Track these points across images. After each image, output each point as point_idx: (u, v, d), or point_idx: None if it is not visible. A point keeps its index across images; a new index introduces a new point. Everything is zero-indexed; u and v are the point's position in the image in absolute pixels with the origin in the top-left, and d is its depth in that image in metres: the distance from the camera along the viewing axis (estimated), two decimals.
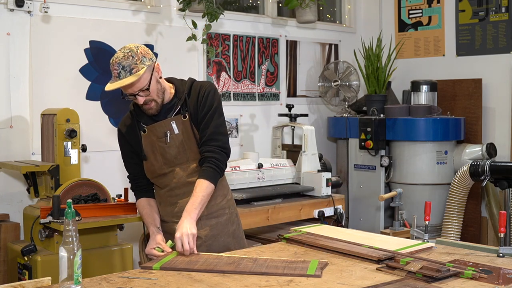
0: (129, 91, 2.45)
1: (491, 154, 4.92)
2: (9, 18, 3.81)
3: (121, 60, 2.40)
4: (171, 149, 2.57)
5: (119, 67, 2.39)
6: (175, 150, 2.58)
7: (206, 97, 2.58)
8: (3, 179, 3.84)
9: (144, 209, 2.70)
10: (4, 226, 3.66)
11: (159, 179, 2.64)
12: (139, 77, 2.39)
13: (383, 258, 2.25)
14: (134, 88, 2.43)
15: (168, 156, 2.58)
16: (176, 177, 2.61)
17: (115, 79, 2.41)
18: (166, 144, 2.56)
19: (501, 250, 2.38)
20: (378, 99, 5.26)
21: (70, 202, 1.91)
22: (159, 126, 2.58)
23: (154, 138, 2.57)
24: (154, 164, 2.61)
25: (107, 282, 2.02)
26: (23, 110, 3.89)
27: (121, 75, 2.39)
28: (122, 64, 2.39)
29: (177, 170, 2.60)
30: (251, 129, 5.15)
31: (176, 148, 2.58)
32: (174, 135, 2.57)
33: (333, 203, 4.29)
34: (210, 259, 2.30)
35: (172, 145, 2.57)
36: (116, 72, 2.40)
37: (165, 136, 2.56)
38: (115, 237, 3.49)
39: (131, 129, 2.62)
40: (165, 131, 2.57)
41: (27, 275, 3.29)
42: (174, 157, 2.59)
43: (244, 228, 3.94)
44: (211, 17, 4.29)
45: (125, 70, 2.39)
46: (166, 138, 2.56)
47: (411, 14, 5.81)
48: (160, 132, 2.57)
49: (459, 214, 4.71)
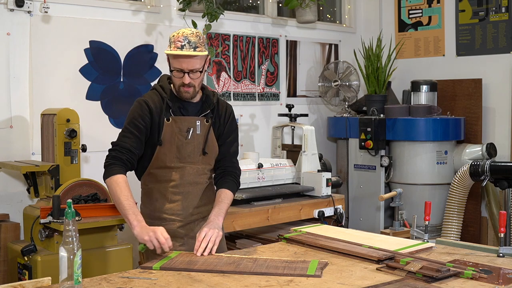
0: (184, 66, 2.50)
1: (491, 154, 4.92)
2: (9, 18, 3.81)
3: (188, 35, 2.49)
4: (189, 146, 2.59)
5: (185, 40, 2.47)
6: (191, 147, 2.60)
7: (233, 119, 2.75)
8: (3, 179, 3.84)
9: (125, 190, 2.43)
10: (4, 226, 3.66)
11: (165, 171, 2.60)
12: (201, 55, 2.49)
13: (383, 258, 2.25)
14: (190, 65, 2.50)
15: (183, 151, 2.59)
16: (186, 174, 2.61)
17: (176, 49, 2.48)
18: (186, 139, 2.58)
19: (501, 250, 2.38)
20: (378, 99, 5.26)
21: (70, 202, 1.91)
22: (186, 120, 2.59)
23: (177, 130, 2.57)
24: (167, 154, 2.57)
25: (107, 282, 2.02)
26: (23, 110, 3.89)
27: (184, 47, 2.47)
28: (189, 39, 2.48)
29: (187, 167, 2.61)
30: (251, 129, 5.15)
31: (193, 146, 2.60)
32: (196, 134, 2.60)
33: (333, 203, 4.29)
34: (210, 259, 2.30)
35: (191, 142, 2.59)
36: (180, 44, 2.47)
37: (187, 131, 2.58)
38: (115, 237, 3.49)
39: (158, 109, 2.57)
40: (188, 127, 2.59)
41: (27, 275, 3.29)
42: (188, 154, 2.60)
43: (244, 228, 3.97)
44: (211, 17, 4.29)
45: (190, 44, 2.48)
46: (188, 134, 2.58)
47: (411, 14, 5.81)
48: (184, 126, 2.59)
49: (459, 214, 4.71)
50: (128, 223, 2.41)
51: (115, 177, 2.45)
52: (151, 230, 2.35)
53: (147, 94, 2.62)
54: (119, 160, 2.48)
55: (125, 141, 2.51)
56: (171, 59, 2.53)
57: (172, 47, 2.50)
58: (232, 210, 3.81)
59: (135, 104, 2.58)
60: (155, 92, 2.62)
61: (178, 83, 2.55)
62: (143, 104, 2.55)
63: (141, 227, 2.37)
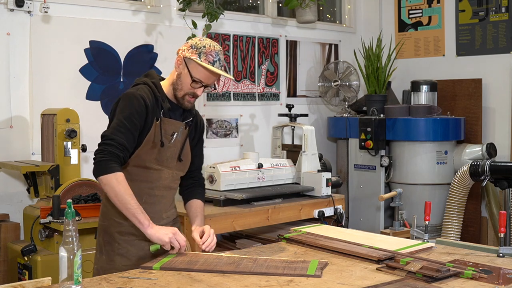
0: (207, 81, 2.49)
1: (491, 154, 4.92)
2: (9, 18, 3.81)
3: (219, 52, 2.49)
4: (169, 150, 2.54)
5: (217, 56, 2.47)
6: (171, 152, 2.55)
7: (203, 129, 2.76)
8: (3, 179, 3.84)
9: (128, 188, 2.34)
10: (4, 226, 3.66)
11: (142, 170, 2.50)
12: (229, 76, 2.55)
13: (383, 258, 2.25)
14: (212, 81, 2.51)
15: (163, 154, 2.52)
16: (162, 178, 2.53)
17: (208, 63, 2.45)
18: (169, 143, 2.53)
19: (501, 250, 2.38)
20: (378, 99, 5.26)
21: (70, 202, 1.91)
22: (172, 124, 2.54)
23: (163, 132, 2.50)
24: (148, 154, 2.47)
25: (107, 282, 2.02)
26: (23, 110, 3.89)
27: (215, 64, 2.46)
28: (220, 56, 2.49)
29: (164, 171, 2.54)
30: (251, 129, 5.15)
31: (172, 151, 2.56)
32: (177, 139, 2.56)
33: (333, 203, 4.29)
34: (210, 259, 2.30)
35: (172, 147, 2.55)
36: (212, 59, 2.46)
37: (172, 135, 2.53)
38: None
39: (151, 107, 2.47)
40: (174, 131, 2.54)
41: (27, 275, 3.29)
42: (167, 158, 2.54)
43: (244, 228, 3.97)
44: (211, 17, 4.29)
45: (220, 62, 2.48)
46: (172, 138, 2.53)
47: (411, 14, 5.81)
48: (170, 129, 2.53)
49: (459, 214, 4.71)
50: (137, 222, 2.32)
51: (116, 174, 2.31)
52: (170, 231, 2.34)
53: (141, 88, 2.48)
54: (116, 156, 2.33)
55: (121, 137, 2.35)
56: (195, 68, 2.45)
57: (203, 58, 2.43)
58: (232, 210, 3.81)
59: (131, 98, 2.43)
60: (148, 88, 2.50)
61: (188, 92, 2.49)
62: (141, 100, 2.43)
63: (154, 227, 2.33)
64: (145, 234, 2.33)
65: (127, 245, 2.48)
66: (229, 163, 4.10)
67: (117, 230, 2.49)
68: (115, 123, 2.39)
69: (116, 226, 2.49)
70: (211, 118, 4.85)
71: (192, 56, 2.44)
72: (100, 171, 2.32)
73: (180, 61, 2.48)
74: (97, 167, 2.33)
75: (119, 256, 2.48)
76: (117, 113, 2.42)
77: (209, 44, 2.46)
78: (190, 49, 2.46)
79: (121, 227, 2.49)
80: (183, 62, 2.47)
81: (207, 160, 4.59)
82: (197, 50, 2.44)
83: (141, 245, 2.49)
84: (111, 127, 2.39)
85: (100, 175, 2.32)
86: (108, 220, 2.52)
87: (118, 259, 2.46)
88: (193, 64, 2.45)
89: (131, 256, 2.48)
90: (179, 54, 2.50)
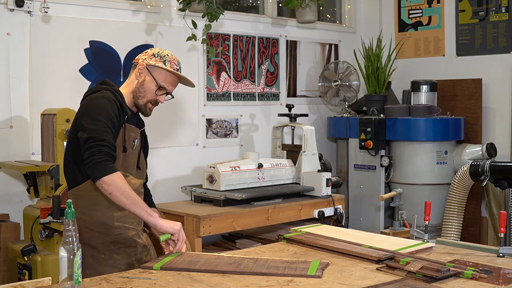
0: (171, 88, 2.59)
1: (491, 154, 4.92)
2: (9, 18, 3.81)
3: (180, 63, 2.61)
4: (131, 156, 2.52)
5: (179, 65, 2.60)
6: (133, 159, 2.54)
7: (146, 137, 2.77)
8: (3, 179, 3.84)
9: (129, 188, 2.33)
10: (4, 226, 3.66)
11: None
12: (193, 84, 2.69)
13: (383, 258, 2.25)
14: (173, 89, 2.61)
15: (127, 161, 2.49)
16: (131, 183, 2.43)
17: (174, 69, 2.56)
18: (132, 149, 2.52)
19: (501, 250, 2.38)
20: (378, 99, 5.26)
21: (70, 202, 1.91)
22: (133, 130, 2.54)
23: (126, 137, 2.47)
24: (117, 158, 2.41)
25: (107, 282, 2.02)
26: (23, 110, 3.89)
27: (179, 71, 2.58)
28: (180, 65, 2.61)
29: (130, 177, 2.49)
30: (251, 129, 5.15)
31: (135, 158, 2.55)
32: (137, 146, 2.57)
33: (333, 203, 4.29)
34: (211, 259, 2.30)
35: (134, 154, 2.54)
36: (175, 67, 2.57)
37: (134, 141, 2.54)
38: None
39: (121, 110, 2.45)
40: (135, 138, 2.55)
41: (27, 275, 3.29)
42: (131, 165, 2.51)
43: (244, 228, 3.97)
44: (211, 17, 4.29)
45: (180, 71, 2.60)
46: (134, 144, 2.53)
47: (411, 14, 5.81)
48: (132, 136, 2.52)
49: (459, 214, 4.71)
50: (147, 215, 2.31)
51: (118, 173, 2.28)
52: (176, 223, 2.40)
53: (108, 94, 2.43)
54: (111, 156, 2.29)
55: (109, 137, 2.30)
56: (159, 74, 2.53)
57: (168, 65, 2.53)
58: (232, 210, 3.82)
59: (104, 101, 2.38)
60: (113, 94, 2.45)
61: (150, 99, 2.54)
62: (114, 103, 2.40)
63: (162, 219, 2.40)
64: (157, 224, 2.34)
65: (114, 254, 2.44)
66: (229, 163, 4.11)
67: (101, 241, 2.43)
68: (99, 124, 2.31)
69: (98, 237, 2.43)
70: (211, 118, 4.85)
71: (157, 63, 2.52)
72: (102, 172, 2.24)
73: (142, 69, 2.53)
74: (97, 169, 2.25)
75: (107, 268, 2.40)
76: (95, 114, 2.34)
77: (171, 54, 2.59)
78: (152, 57, 2.55)
79: (104, 236, 2.43)
80: (145, 70, 2.53)
81: (208, 160, 4.62)
82: (161, 58, 2.54)
83: (128, 252, 2.47)
84: (95, 129, 2.29)
85: (102, 176, 2.24)
86: (89, 232, 2.42)
87: (107, 271, 2.34)
88: (158, 71, 2.52)
89: (120, 265, 2.43)
90: (141, 62, 2.54)
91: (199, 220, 3.64)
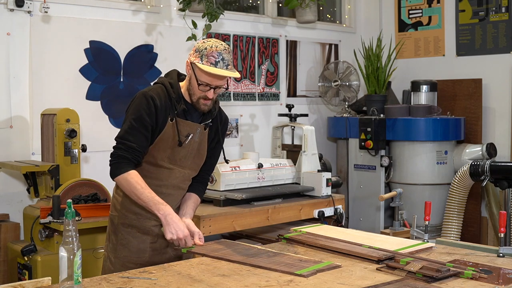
0: (214, 83, 2.46)
1: (491, 154, 4.92)
2: (9, 18, 3.81)
3: (222, 52, 2.44)
4: (183, 150, 2.56)
5: (219, 56, 2.43)
6: (185, 152, 2.57)
7: (225, 130, 2.77)
8: (3, 179, 3.84)
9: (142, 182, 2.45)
10: (4, 226, 3.66)
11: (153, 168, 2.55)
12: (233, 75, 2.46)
13: (383, 258, 2.25)
14: (220, 82, 2.47)
15: (176, 154, 2.55)
16: (172, 177, 2.58)
17: (210, 65, 2.42)
18: (183, 143, 2.54)
19: (501, 250, 2.38)
20: (378, 99, 5.26)
21: (70, 202, 1.91)
22: (188, 125, 2.55)
23: (176, 132, 2.52)
24: (160, 152, 2.53)
25: (107, 282, 2.02)
26: (23, 110, 3.89)
27: (218, 64, 2.42)
28: (223, 55, 2.43)
29: (176, 170, 2.58)
30: (251, 129, 5.15)
31: (187, 151, 2.58)
32: (193, 140, 2.58)
33: (333, 203, 4.29)
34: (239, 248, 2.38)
35: (186, 147, 2.57)
36: (214, 60, 2.42)
37: (187, 136, 2.55)
38: None
39: (163, 107, 2.49)
40: (189, 132, 2.55)
41: (27, 275, 3.29)
42: (180, 158, 2.57)
43: (244, 228, 3.97)
44: (211, 17, 4.29)
45: (224, 62, 2.43)
46: (186, 139, 2.55)
47: (411, 14, 5.81)
48: (185, 131, 2.54)
49: (459, 214, 4.71)
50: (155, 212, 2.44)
51: (128, 173, 2.43)
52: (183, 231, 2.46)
53: (153, 89, 2.52)
54: (126, 159, 2.44)
55: (130, 140, 2.44)
56: (199, 71, 2.44)
57: (205, 61, 2.42)
58: (232, 210, 3.81)
59: (141, 98, 2.48)
60: (163, 88, 2.52)
61: (200, 95, 2.49)
62: (150, 101, 2.46)
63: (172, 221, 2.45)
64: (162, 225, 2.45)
65: (129, 236, 2.58)
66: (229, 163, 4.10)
67: (121, 222, 2.60)
68: (126, 126, 2.47)
69: (121, 217, 2.60)
70: None
71: (195, 60, 2.44)
72: (114, 173, 2.47)
73: (189, 66, 2.49)
74: (111, 170, 2.47)
75: (121, 246, 2.58)
76: (129, 114, 2.49)
77: (211, 45, 2.44)
78: (194, 53, 2.47)
79: (125, 219, 2.59)
80: (190, 67, 2.48)
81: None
82: (200, 53, 2.44)
83: (142, 238, 2.59)
84: (122, 130, 2.48)
85: (115, 176, 2.47)
86: (115, 212, 2.63)
87: (120, 249, 2.57)
88: (197, 68, 2.45)
89: (132, 247, 2.57)
90: (188, 58, 2.51)
91: (199, 220, 3.64)
